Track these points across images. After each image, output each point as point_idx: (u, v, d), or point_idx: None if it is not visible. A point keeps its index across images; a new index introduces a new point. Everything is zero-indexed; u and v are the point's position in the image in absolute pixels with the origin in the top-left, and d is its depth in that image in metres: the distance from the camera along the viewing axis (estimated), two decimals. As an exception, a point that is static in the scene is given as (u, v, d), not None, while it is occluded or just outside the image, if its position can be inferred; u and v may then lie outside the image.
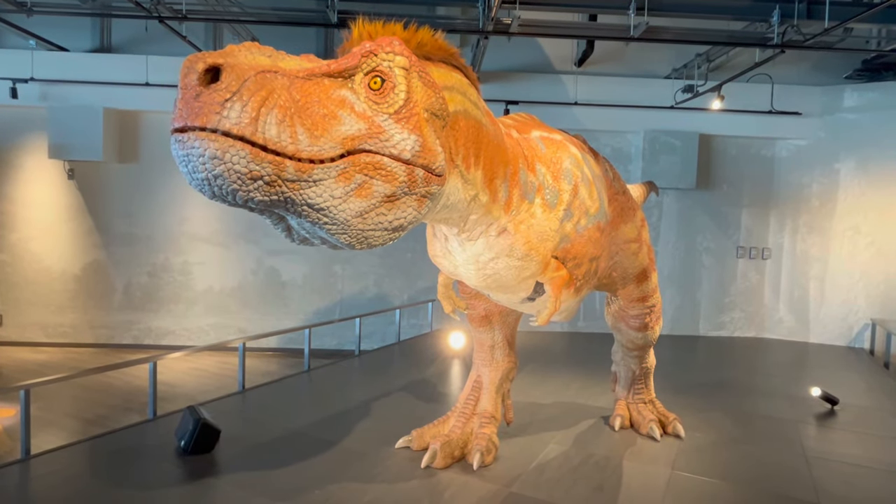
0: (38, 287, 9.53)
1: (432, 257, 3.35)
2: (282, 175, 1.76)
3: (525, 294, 3.36)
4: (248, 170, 1.70)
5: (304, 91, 1.83)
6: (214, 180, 1.69)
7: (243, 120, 1.67)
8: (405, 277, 9.81)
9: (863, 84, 9.16)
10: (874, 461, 4.42)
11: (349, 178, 1.89)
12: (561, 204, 3.15)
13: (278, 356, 9.16)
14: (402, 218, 2.08)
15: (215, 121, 1.65)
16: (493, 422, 4.15)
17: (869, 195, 9.08)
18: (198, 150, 1.66)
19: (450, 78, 2.45)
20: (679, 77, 9.29)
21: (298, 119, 1.78)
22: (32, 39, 8.50)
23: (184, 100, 1.67)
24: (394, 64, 2.03)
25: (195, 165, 1.68)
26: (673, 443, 4.58)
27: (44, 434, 5.45)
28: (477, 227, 2.90)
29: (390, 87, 2.01)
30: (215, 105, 1.65)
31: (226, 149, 1.66)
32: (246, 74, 1.70)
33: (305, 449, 4.24)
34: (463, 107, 2.49)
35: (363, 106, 1.96)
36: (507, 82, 9.18)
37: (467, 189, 2.59)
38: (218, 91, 1.65)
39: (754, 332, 9.83)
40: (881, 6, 5.83)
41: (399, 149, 1.99)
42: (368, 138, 1.93)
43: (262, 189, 1.75)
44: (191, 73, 1.66)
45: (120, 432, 4.55)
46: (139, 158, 9.52)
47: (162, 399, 5.54)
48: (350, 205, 1.91)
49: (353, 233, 1.98)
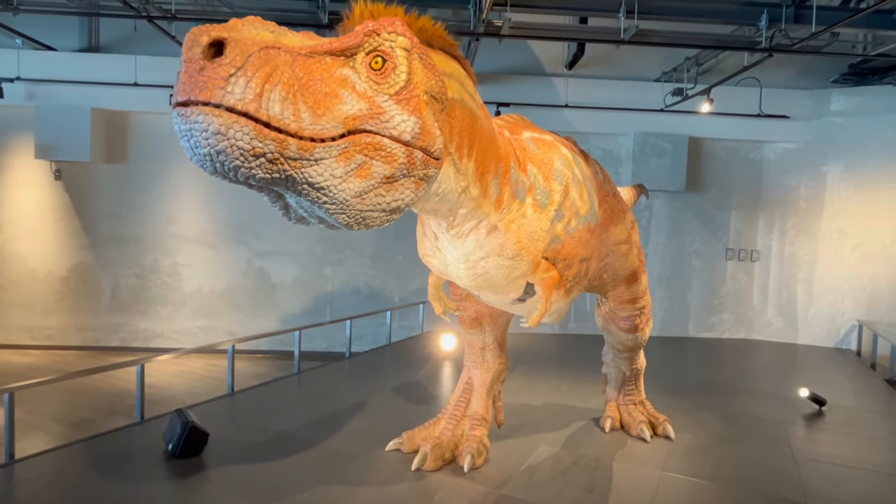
0: (23, 289, 9.41)
1: (422, 256, 3.33)
2: (284, 153, 1.75)
3: (515, 295, 3.35)
4: (252, 146, 1.69)
5: (306, 68, 1.82)
6: (217, 156, 1.68)
7: (247, 96, 1.65)
8: (396, 279, 9.79)
9: (850, 88, 9.27)
10: (862, 462, 4.46)
11: (350, 158, 1.89)
12: (552, 204, 3.14)
13: (268, 358, 9.09)
14: (399, 199, 2.07)
15: (219, 95, 1.63)
16: (483, 424, 4.14)
17: (856, 198, 9.17)
18: (201, 125, 1.64)
19: (448, 65, 2.45)
20: (669, 80, 9.35)
21: (301, 97, 1.77)
22: (19, 38, 8.40)
23: (187, 73, 1.65)
24: (395, 44, 2.03)
25: (198, 140, 1.66)
26: (663, 444, 4.59)
27: (29, 438, 5.37)
28: (467, 223, 2.88)
29: (391, 68, 2.01)
30: (219, 80, 1.63)
31: (229, 125, 1.65)
32: (250, 50, 1.68)
33: (295, 451, 4.21)
34: (460, 96, 2.49)
35: (364, 86, 1.96)
36: (499, 84, 9.20)
37: (458, 179, 2.58)
38: (222, 66, 1.64)
39: (743, 333, 9.90)
40: (867, 11, 5.90)
41: (399, 130, 2.00)
42: (369, 118, 1.93)
43: (265, 166, 1.74)
44: (195, 46, 1.64)
45: (107, 436, 4.50)
46: (128, 159, 9.43)
47: (150, 402, 5.47)
48: (350, 184, 1.91)
49: (352, 213, 1.98)
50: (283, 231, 9.52)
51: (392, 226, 9.67)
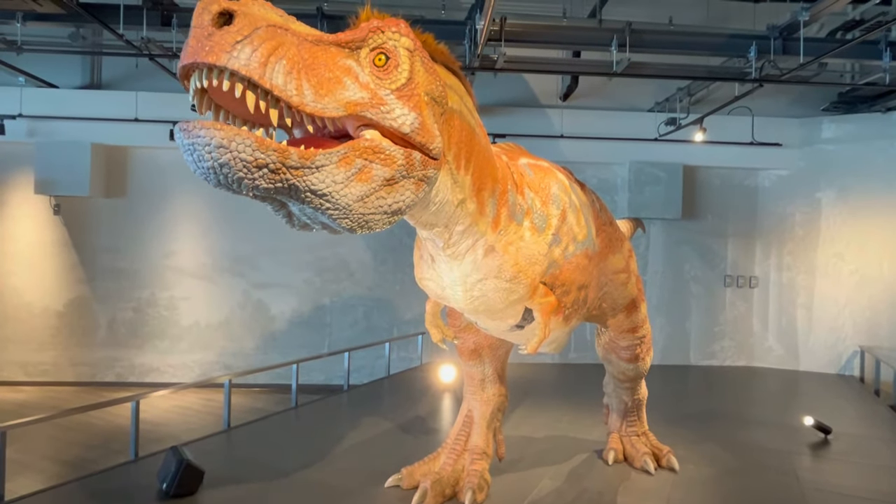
0: (18, 324, 9.33)
1: (419, 280, 3.31)
2: (286, 162, 1.79)
3: (513, 321, 3.32)
4: (254, 158, 1.72)
5: (311, 52, 1.87)
6: (220, 168, 1.71)
7: (252, 62, 1.68)
8: (394, 310, 9.74)
9: (840, 116, 9.42)
10: (870, 491, 4.38)
11: (350, 163, 1.93)
12: (549, 228, 3.14)
13: (266, 392, 8.97)
14: (400, 201, 2.11)
15: (225, 59, 1.66)
16: (484, 457, 4.07)
17: (850, 224, 9.23)
18: (203, 139, 1.67)
19: (450, 78, 2.51)
20: (662, 110, 9.50)
21: (305, 75, 1.81)
22: (21, 76, 8.53)
23: (195, 38, 1.67)
24: (399, 44, 2.09)
25: (201, 154, 1.69)
26: (667, 476, 4.51)
27: (19, 478, 5.24)
28: (463, 242, 2.85)
29: (394, 65, 2.06)
30: (226, 45, 1.66)
31: (231, 137, 1.68)
32: (258, 23, 1.73)
33: (292, 489, 4.12)
34: (459, 107, 2.54)
35: (367, 77, 2.01)
36: (495, 116, 9.33)
37: (455, 191, 2.59)
38: (230, 32, 1.67)
39: (744, 360, 9.83)
40: (854, 42, 6.05)
41: (399, 122, 2.03)
42: (370, 107, 1.97)
43: (267, 177, 1.77)
44: (205, 13, 1.67)
45: (100, 475, 4.41)
46: (127, 192, 9.48)
47: (145, 439, 5.38)
48: (351, 189, 1.95)
49: (355, 217, 2.01)
50: (280, 263, 9.51)
51: (390, 256, 9.69)
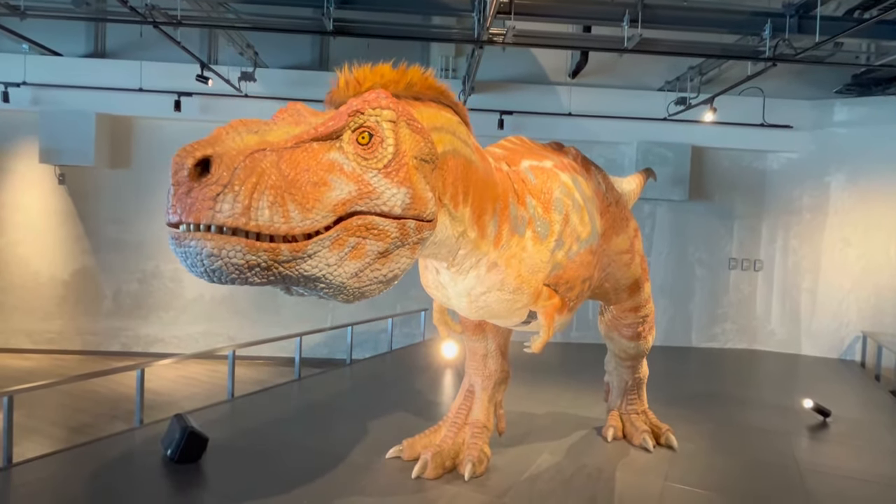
0: (24, 292, 9.40)
1: (425, 286, 3.39)
2: (277, 259, 1.82)
3: (519, 320, 3.41)
4: (245, 261, 1.77)
5: (293, 162, 1.86)
6: (213, 273, 1.76)
7: (236, 211, 1.72)
8: (397, 286, 9.70)
9: (853, 99, 9.26)
10: (867, 474, 4.41)
11: (342, 244, 1.95)
12: (552, 235, 3.19)
13: (269, 364, 9.06)
14: (396, 269, 2.14)
15: (209, 216, 1.69)
16: (484, 432, 4.11)
17: (859, 209, 9.14)
18: (195, 249, 1.72)
19: (439, 118, 2.47)
20: (672, 89, 9.35)
21: (289, 195, 1.82)
22: (25, 44, 8.45)
23: (176, 196, 1.71)
24: (381, 118, 2.07)
25: (193, 262, 1.75)
26: (665, 454, 4.55)
27: (27, 442, 5.34)
28: (466, 262, 2.91)
29: (378, 142, 2.05)
30: (208, 200, 1.69)
31: (221, 245, 1.72)
32: (235, 162, 1.74)
33: (294, 458, 4.18)
34: (452, 146, 2.51)
35: (352, 165, 2.00)
36: (502, 92, 9.21)
37: (455, 226, 2.61)
38: (209, 186, 1.70)
39: (746, 343, 9.84)
40: (871, 21, 5.90)
41: (390, 205, 2.04)
42: (359, 199, 1.97)
43: (260, 274, 1.82)
44: (181, 170, 1.70)
45: (105, 440, 4.47)
46: (131, 164, 9.45)
47: (149, 407, 5.45)
48: (345, 268, 1.97)
49: (349, 291, 2.04)
50: (285, 237, 9.50)
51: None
